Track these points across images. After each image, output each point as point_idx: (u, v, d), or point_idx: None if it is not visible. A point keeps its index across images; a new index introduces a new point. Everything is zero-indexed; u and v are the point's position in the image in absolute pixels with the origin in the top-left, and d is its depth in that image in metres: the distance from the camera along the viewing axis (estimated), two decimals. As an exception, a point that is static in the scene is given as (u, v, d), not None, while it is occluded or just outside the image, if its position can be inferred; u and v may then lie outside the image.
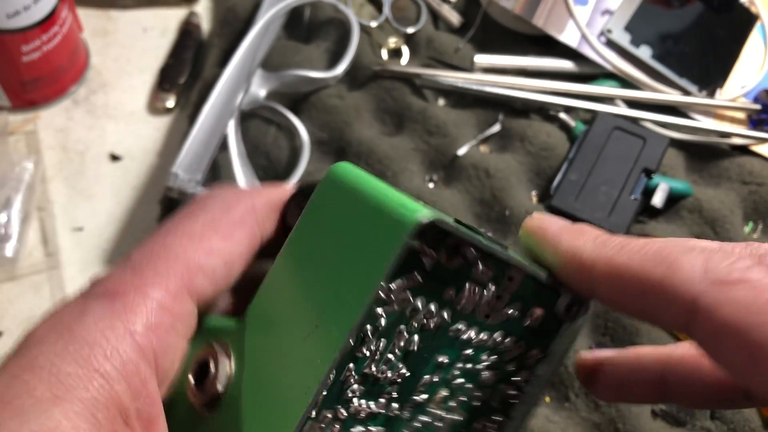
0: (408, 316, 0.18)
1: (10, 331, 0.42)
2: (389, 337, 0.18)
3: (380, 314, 0.17)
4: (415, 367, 0.19)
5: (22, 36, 0.45)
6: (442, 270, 0.18)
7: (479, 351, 0.19)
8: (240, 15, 0.51)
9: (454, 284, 0.18)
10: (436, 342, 0.19)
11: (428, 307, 0.18)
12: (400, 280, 0.17)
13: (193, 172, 0.43)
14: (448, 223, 0.17)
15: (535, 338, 0.20)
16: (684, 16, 0.53)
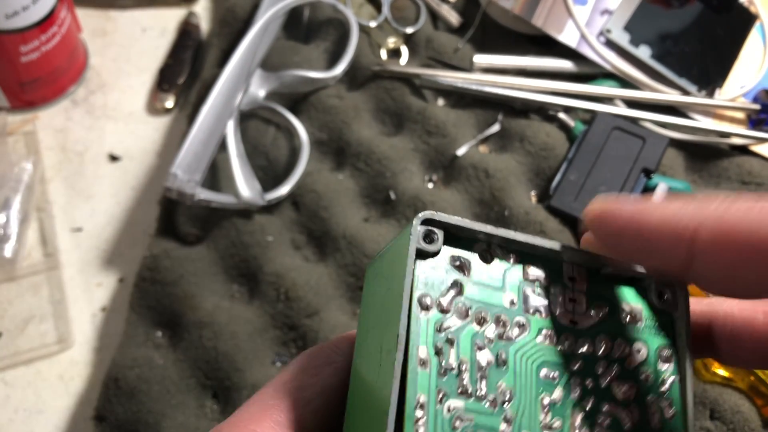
0: (477, 327, 0.18)
1: (9, 332, 0.42)
2: (469, 352, 0.17)
3: (442, 325, 0.17)
4: (519, 385, 0.18)
5: (21, 36, 0.45)
6: (497, 279, 0.18)
7: (589, 362, 0.18)
8: (239, 15, 0.51)
9: (514, 289, 0.18)
10: (532, 355, 0.18)
11: (495, 315, 0.18)
12: (450, 290, 0.17)
13: (192, 173, 0.43)
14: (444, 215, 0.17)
15: (657, 336, 0.19)
16: (683, 16, 0.53)
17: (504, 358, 0.17)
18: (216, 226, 0.44)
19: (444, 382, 0.17)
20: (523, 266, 0.18)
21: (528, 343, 0.18)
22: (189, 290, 0.42)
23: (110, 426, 0.39)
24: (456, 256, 0.18)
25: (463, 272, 0.18)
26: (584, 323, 0.18)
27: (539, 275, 0.19)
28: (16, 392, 0.41)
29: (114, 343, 0.42)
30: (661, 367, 0.18)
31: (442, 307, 0.17)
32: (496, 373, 0.17)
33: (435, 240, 0.18)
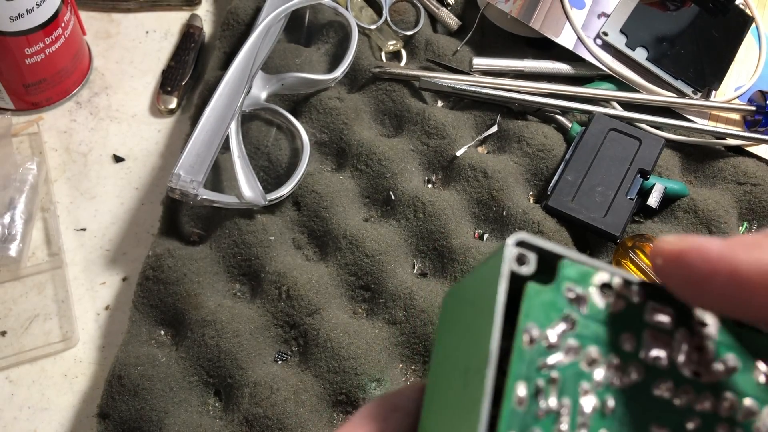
0: (586, 368, 0.16)
1: (13, 331, 0.42)
2: (572, 394, 0.15)
3: (546, 363, 0.15)
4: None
5: (26, 39, 0.45)
6: (614, 318, 0.16)
7: (710, 420, 0.16)
8: (241, 18, 0.52)
9: (632, 331, 0.16)
10: (643, 406, 0.16)
11: (608, 357, 0.16)
12: (560, 323, 0.16)
13: (194, 174, 0.43)
14: (536, 239, 0.16)
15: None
16: (679, 19, 0.53)
17: (611, 407, 0.15)
18: (218, 225, 0.44)
19: (539, 423, 0.15)
20: (649, 307, 0.16)
21: (640, 393, 0.16)
22: (192, 289, 0.42)
23: (114, 423, 0.39)
24: (571, 287, 0.16)
25: (577, 304, 0.16)
26: (709, 376, 0.16)
27: (664, 318, 0.16)
28: (20, 390, 0.41)
29: (117, 342, 0.42)
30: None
31: (549, 342, 0.15)
32: (599, 422, 0.15)
33: (527, 263, 0.16)
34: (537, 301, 0.16)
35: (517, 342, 0.15)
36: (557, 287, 0.16)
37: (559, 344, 0.15)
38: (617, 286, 0.16)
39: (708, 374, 0.16)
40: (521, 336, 0.15)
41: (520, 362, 0.15)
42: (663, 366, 0.16)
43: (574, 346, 0.16)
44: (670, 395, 0.16)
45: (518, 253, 0.16)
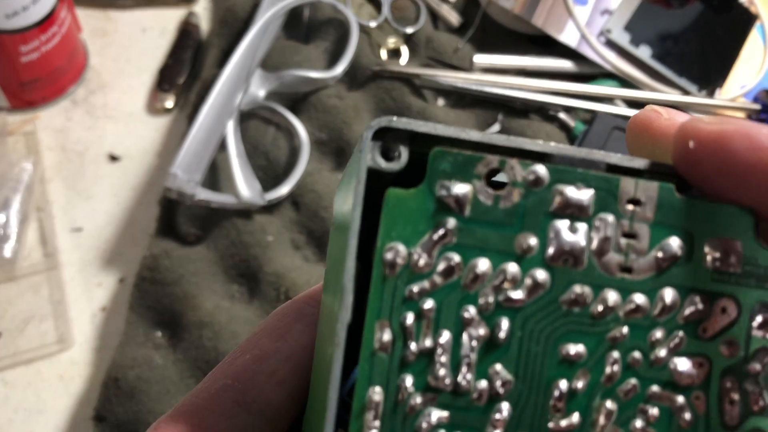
0: (469, 289, 0.12)
1: (9, 332, 0.42)
2: (453, 325, 0.13)
3: (414, 291, 0.12)
4: (523, 370, 0.13)
5: (21, 36, 0.45)
6: (509, 214, 0.13)
7: (640, 328, 0.13)
8: (239, 15, 0.51)
9: (534, 228, 0.13)
10: (550, 324, 0.13)
11: (501, 269, 0.12)
12: (432, 235, 0.12)
13: (192, 173, 0.43)
14: (402, 121, 0.12)
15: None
16: (683, 16, 0.53)
17: (504, 333, 0.12)
18: (216, 226, 0.44)
19: (411, 371, 0.12)
20: (554, 192, 0.13)
21: (545, 308, 0.13)
22: (189, 290, 0.41)
23: (110, 426, 0.38)
24: (444, 183, 0.12)
25: (455, 206, 0.12)
26: (642, 270, 0.13)
27: (580, 201, 0.13)
28: (16, 392, 0.41)
29: (114, 343, 0.42)
30: (756, 333, 0.13)
31: (420, 263, 0.12)
32: (490, 355, 0.12)
33: (396, 157, 0.13)
34: (400, 211, 0.12)
35: (376, 271, 0.12)
36: (427, 187, 0.12)
37: (432, 263, 0.12)
38: (512, 171, 0.13)
39: (640, 267, 0.13)
40: (380, 261, 0.12)
41: (380, 297, 0.12)
42: (577, 266, 0.13)
43: (453, 263, 0.12)
44: (584, 303, 0.13)
45: (381, 144, 0.12)
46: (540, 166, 0.13)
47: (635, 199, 0.13)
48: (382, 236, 0.12)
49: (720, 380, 0.13)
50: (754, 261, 0.13)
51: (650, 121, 0.14)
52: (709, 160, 0.12)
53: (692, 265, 0.13)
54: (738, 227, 0.13)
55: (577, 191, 0.13)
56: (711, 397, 0.13)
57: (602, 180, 0.13)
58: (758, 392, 0.13)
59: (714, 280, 0.13)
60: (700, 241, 0.13)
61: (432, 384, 0.12)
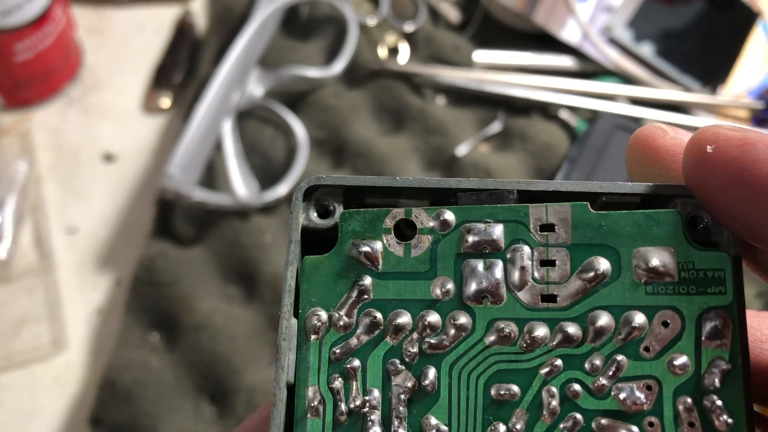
0: (393, 341, 0.12)
1: (3, 334, 0.42)
2: (379, 381, 0.13)
3: (339, 350, 0.12)
4: (456, 416, 0.12)
5: (16, 35, 0.44)
6: (420, 262, 0.13)
7: (574, 358, 0.12)
8: (236, 13, 0.51)
9: (447, 271, 0.12)
10: (474, 366, 0.12)
11: (422, 317, 0.12)
12: (349, 295, 0.13)
13: (188, 173, 0.43)
14: (329, 178, 0.13)
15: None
16: (686, 13, 0.52)
17: (431, 381, 0.12)
18: (213, 226, 0.43)
19: (343, 430, 0.12)
20: (462, 231, 0.12)
21: (470, 350, 0.12)
22: (185, 292, 0.41)
23: (106, 429, 0.38)
24: (356, 242, 0.13)
25: (368, 263, 0.13)
26: (567, 296, 0.12)
27: (490, 237, 0.12)
28: (11, 395, 0.40)
29: (110, 346, 0.41)
30: (707, 345, 0.12)
31: (341, 324, 0.13)
32: (421, 406, 0.12)
33: (331, 213, 0.13)
34: (317, 276, 0.13)
35: (300, 336, 0.12)
36: (339, 249, 0.13)
37: (353, 323, 0.12)
38: (419, 219, 0.13)
39: (565, 293, 0.12)
40: (302, 328, 0.12)
41: (306, 362, 0.12)
42: (497, 302, 0.12)
43: (372, 319, 0.12)
44: (511, 340, 0.12)
45: (315, 201, 0.13)
46: (445, 210, 0.13)
47: (548, 224, 0.12)
48: (303, 303, 0.13)
49: (673, 402, 0.12)
50: (690, 266, 0.12)
51: (654, 138, 0.13)
52: (726, 168, 0.12)
53: (621, 281, 0.12)
54: (667, 232, 0.12)
55: (486, 228, 0.12)
56: (666, 421, 0.12)
57: (510, 211, 0.12)
58: (720, 409, 0.11)
59: (649, 294, 0.12)
60: (626, 254, 0.12)
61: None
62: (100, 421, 0.38)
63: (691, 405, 0.12)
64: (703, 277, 0.12)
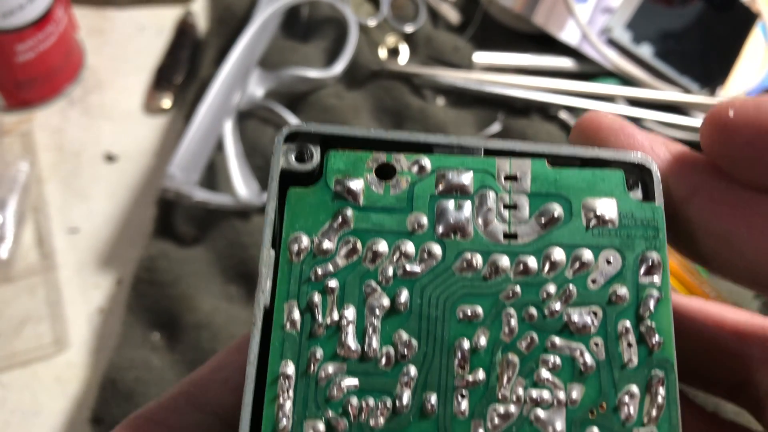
0: (369, 266, 0.14)
1: (5, 334, 0.42)
2: (356, 299, 0.14)
3: (318, 271, 0.14)
4: (425, 333, 0.14)
5: (17, 35, 0.44)
6: (399, 200, 0.14)
7: (531, 286, 0.14)
8: (237, 13, 0.51)
9: (422, 208, 0.14)
10: (446, 289, 0.14)
11: (397, 246, 0.14)
12: (330, 223, 0.14)
13: (189, 173, 0.43)
14: (316, 125, 0.14)
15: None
16: (685, 15, 0.52)
17: (404, 301, 0.14)
18: (214, 226, 0.44)
19: (319, 342, 0.13)
20: (437, 176, 0.14)
21: (440, 276, 0.14)
22: (187, 291, 0.41)
23: (107, 428, 0.38)
24: (339, 179, 0.14)
25: (350, 197, 0.14)
26: (527, 234, 0.14)
27: (461, 182, 0.14)
28: (12, 394, 0.40)
29: (111, 345, 0.41)
30: (643, 280, 0.14)
31: (322, 248, 0.14)
32: (393, 322, 0.14)
33: (309, 157, 0.14)
34: (301, 206, 0.14)
35: (282, 257, 0.14)
36: (324, 184, 0.14)
37: (333, 248, 0.14)
38: (399, 163, 0.14)
39: (524, 232, 0.14)
40: (285, 249, 0.14)
41: (287, 279, 0.14)
42: (465, 237, 0.14)
43: (352, 245, 0.14)
44: (475, 269, 0.14)
45: (296, 146, 0.14)
46: (423, 156, 0.14)
47: (512, 175, 0.14)
48: (286, 228, 0.14)
49: (615, 325, 0.14)
50: (630, 215, 0.14)
51: (598, 116, 0.15)
52: (748, 129, 0.13)
53: (573, 224, 0.14)
54: (610, 186, 0.14)
55: (458, 174, 0.14)
56: (609, 341, 0.14)
57: (480, 162, 0.15)
58: (652, 330, 0.14)
59: (595, 236, 0.14)
60: (576, 203, 0.14)
61: (340, 353, 0.13)
62: (101, 420, 0.39)
63: (629, 328, 0.14)
64: (640, 225, 0.14)
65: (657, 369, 0.13)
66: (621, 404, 0.13)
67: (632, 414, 0.13)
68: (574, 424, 0.13)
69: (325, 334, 0.13)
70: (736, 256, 0.14)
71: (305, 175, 0.14)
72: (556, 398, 0.13)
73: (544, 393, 0.13)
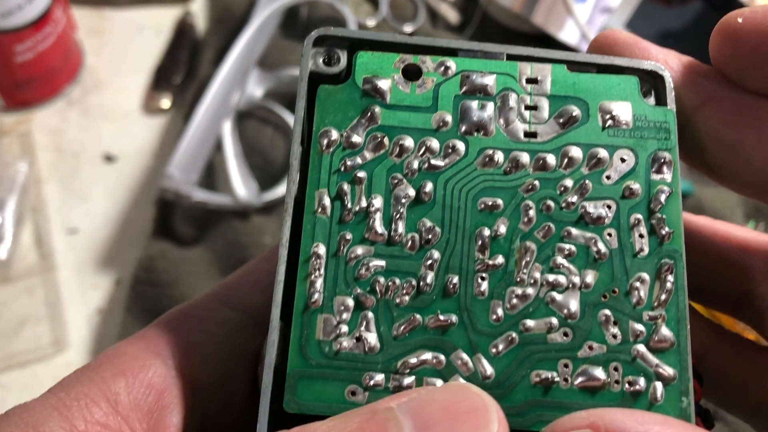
0: (396, 159, 0.14)
1: (4, 334, 0.42)
2: (383, 189, 0.14)
3: (348, 162, 0.14)
4: (448, 221, 0.14)
5: (16, 36, 0.44)
6: (425, 99, 0.15)
7: (549, 181, 0.14)
8: (235, 14, 0.51)
9: (447, 108, 0.15)
10: (469, 183, 0.15)
11: (423, 142, 0.14)
12: (360, 119, 0.15)
13: (188, 173, 0.43)
14: (344, 30, 0.15)
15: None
16: (684, 14, 0.52)
17: (429, 191, 0.14)
18: (213, 226, 0.44)
19: (348, 227, 0.14)
20: (462, 78, 0.15)
21: (463, 170, 0.14)
22: (186, 291, 0.41)
23: (106, 429, 0.38)
24: (368, 78, 0.15)
25: (377, 95, 0.15)
26: (546, 133, 0.15)
27: (484, 83, 0.15)
28: (12, 395, 0.40)
29: (110, 345, 0.41)
30: (654, 177, 0.15)
31: (351, 142, 0.14)
32: (418, 211, 0.14)
33: (336, 61, 0.15)
34: (331, 102, 0.15)
35: (313, 148, 0.14)
36: (353, 82, 0.15)
37: (362, 142, 0.15)
38: (425, 65, 0.15)
39: (544, 131, 0.15)
40: (316, 141, 0.14)
41: (318, 170, 0.14)
42: (487, 134, 0.15)
43: (379, 140, 0.14)
44: (496, 164, 0.15)
45: (324, 50, 0.15)
46: (448, 59, 0.15)
47: (533, 78, 0.15)
48: (317, 122, 0.14)
49: (628, 217, 0.14)
50: (644, 117, 0.15)
51: (615, 35, 0.16)
52: (755, 35, 0.14)
53: (589, 125, 0.15)
54: (626, 91, 0.15)
55: (482, 76, 0.15)
56: (622, 232, 0.14)
57: (502, 65, 0.15)
58: (663, 222, 0.14)
59: (611, 136, 0.15)
60: (594, 106, 0.15)
61: (368, 237, 0.14)
62: (100, 420, 0.38)
63: (641, 220, 0.14)
64: (653, 127, 0.15)
65: (666, 258, 0.14)
66: (632, 289, 0.14)
67: (642, 298, 0.14)
68: (587, 306, 0.14)
69: (354, 219, 0.14)
70: (744, 164, 0.15)
71: (333, 77, 0.15)
72: (571, 282, 0.14)
73: (560, 277, 0.14)
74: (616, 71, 0.15)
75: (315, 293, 0.14)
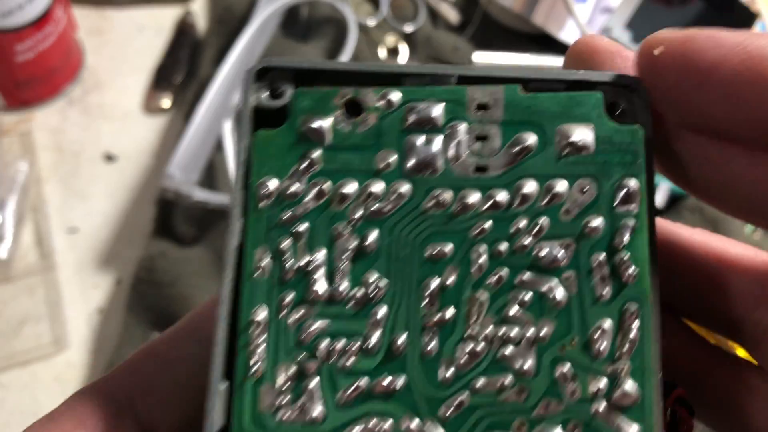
0: (337, 207, 0.13)
1: (4, 334, 0.42)
2: (325, 242, 0.13)
3: (285, 216, 0.13)
4: (395, 273, 0.13)
5: (16, 35, 0.44)
6: (366, 137, 0.14)
7: (502, 220, 0.13)
8: (236, 13, 0.51)
9: (392, 145, 0.14)
10: (415, 227, 0.14)
11: (366, 186, 0.13)
12: (296, 166, 0.14)
13: (188, 173, 0.43)
14: (282, 60, 0.14)
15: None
16: (685, 14, 0.52)
17: (373, 242, 0.13)
18: (213, 226, 0.44)
19: (288, 286, 0.13)
20: (406, 110, 0.14)
21: (408, 214, 0.13)
22: (186, 291, 0.41)
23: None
24: (306, 119, 0.14)
25: (316, 138, 0.14)
26: (497, 167, 0.13)
27: (430, 115, 0.14)
28: (11, 395, 0.40)
29: (111, 345, 0.41)
30: (619, 209, 0.13)
31: (290, 192, 0.13)
32: (362, 263, 0.13)
33: (279, 94, 0.14)
34: (268, 149, 0.14)
35: (251, 203, 0.13)
36: (290, 125, 0.14)
37: (302, 191, 0.13)
38: (366, 99, 0.14)
39: (496, 164, 0.13)
40: (253, 195, 0.13)
41: (256, 225, 0.13)
42: (435, 172, 0.13)
43: (320, 187, 0.13)
44: (444, 206, 0.13)
45: (267, 85, 0.14)
46: (392, 90, 0.14)
47: (483, 104, 0.14)
48: (254, 173, 0.14)
49: (588, 258, 0.13)
50: (607, 140, 0.13)
51: (593, 39, 0.15)
52: (675, 63, 0.13)
53: (546, 154, 0.13)
54: (588, 111, 0.13)
55: (427, 107, 0.14)
56: (581, 275, 0.13)
57: (450, 92, 0.14)
58: (626, 263, 0.13)
59: (570, 164, 0.13)
60: (550, 130, 0.13)
61: (310, 297, 0.13)
62: (100, 420, 0.39)
63: (603, 261, 0.13)
64: (618, 150, 0.13)
65: (631, 302, 0.13)
66: (592, 340, 0.13)
67: (602, 350, 0.13)
68: (544, 361, 0.13)
69: (294, 278, 0.13)
70: (732, 184, 0.13)
71: (277, 111, 0.14)
72: (525, 335, 0.13)
73: (514, 330, 0.13)
74: (587, 87, 0.14)
75: (256, 363, 0.13)
